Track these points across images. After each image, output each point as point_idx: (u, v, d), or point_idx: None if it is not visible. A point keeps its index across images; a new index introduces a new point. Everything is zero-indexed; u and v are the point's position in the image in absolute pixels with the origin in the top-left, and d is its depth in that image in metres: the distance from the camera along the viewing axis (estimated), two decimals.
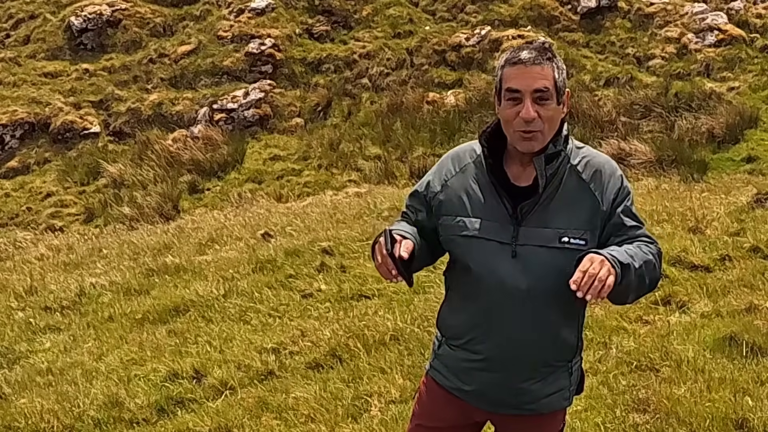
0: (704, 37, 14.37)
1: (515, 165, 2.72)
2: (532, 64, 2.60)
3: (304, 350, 5.64)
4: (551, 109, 2.63)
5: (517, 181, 2.71)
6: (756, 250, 6.72)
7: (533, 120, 2.59)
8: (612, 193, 2.69)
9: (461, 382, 2.85)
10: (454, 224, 2.74)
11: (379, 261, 2.58)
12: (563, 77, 2.67)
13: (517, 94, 2.61)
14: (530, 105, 2.59)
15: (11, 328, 7.13)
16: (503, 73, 2.66)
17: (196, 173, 13.57)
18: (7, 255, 10.98)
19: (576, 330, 2.83)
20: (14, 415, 5.15)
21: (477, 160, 2.77)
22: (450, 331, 2.88)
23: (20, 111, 14.81)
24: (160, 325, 6.65)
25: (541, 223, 2.65)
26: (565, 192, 2.67)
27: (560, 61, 2.68)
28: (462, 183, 2.76)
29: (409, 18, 16.00)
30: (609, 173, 2.71)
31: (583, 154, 2.74)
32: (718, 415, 4.25)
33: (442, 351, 2.92)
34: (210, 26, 16.26)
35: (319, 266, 7.31)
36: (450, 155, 2.87)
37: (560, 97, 2.66)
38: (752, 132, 11.98)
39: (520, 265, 2.65)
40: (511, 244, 2.66)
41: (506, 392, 2.80)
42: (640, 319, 5.73)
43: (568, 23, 15.48)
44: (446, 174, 2.81)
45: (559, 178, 2.67)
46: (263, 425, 4.71)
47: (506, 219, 2.67)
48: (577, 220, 2.65)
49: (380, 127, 13.86)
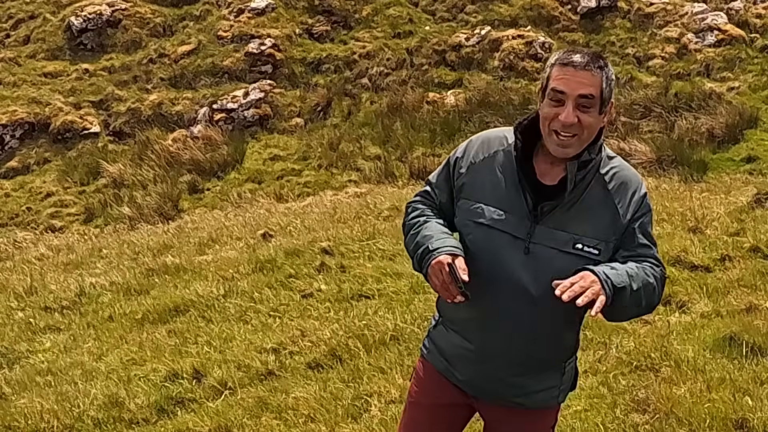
0: (704, 37, 14.37)
1: (544, 162, 2.70)
2: (582, 69, 2.58)
3: (304, 350, 5.64)
4: (593, 117, 2.60)
5: (543, 178, 2.69)
6: (756, 250, 6.72)
7: (572, 125, 2.57)
8: (633, 208, 2.67)
9: (451, 367, 2.86)
10: (472, 209, 2.72)
11: (438, 285, 2.60)
12: (611, 87, 2.63)
13: (562, 96, 2.58)
14: (572, 109, 2.57)
15: (11, 328, 7.13)
16: (552, 72, 2.63)
17: (196, 173, 13.57)
18: (7, 255, 10.98)
19: (575, 333, 2.83)
20: (14, 415, 5.14)
21: (507, 150, 2.73)
22: (448, 314, 2.88)
23: (20, 111, 14.81)
24: (160, 325, 6.65)
25: (559, 225, 2.64)
26: (588, 200, 2.66)
27: (611, 71, 2.65)
28: (488, 169, 2.73)
29: (409, 18, 16.00)
30: (634, 188, 2.69)
31: (612, 165, 2.71)
32: (717, 415, 4.25)
33: (438, 331, 2.93)
34: (210, 26, 16.26)
35: (319, 266, 7.30)
36: (481, 138, 2.83)
37: (604, 106, 2.63)
38: (752, 132, 11.98)
39: (530, 263, 2.63)
40: (525, 240, 2.64)
41: (495, 383, 2.80)
42: (640, 319, 5.73)
43: (568, 23, 15.48)
44: (474, 157, 2.77)
45: (585, 184, 2.66)
46: (263, 425, 4.71)
47: (525, 214, 2.66)
48: (594, 230, 2.64)
49: (380, 127, 13.86)
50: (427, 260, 2.63)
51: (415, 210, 2.88)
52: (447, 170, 2.84)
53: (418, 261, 2.70)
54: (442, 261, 2.58)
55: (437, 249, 2.62)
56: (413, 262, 2.77)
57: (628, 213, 2.66)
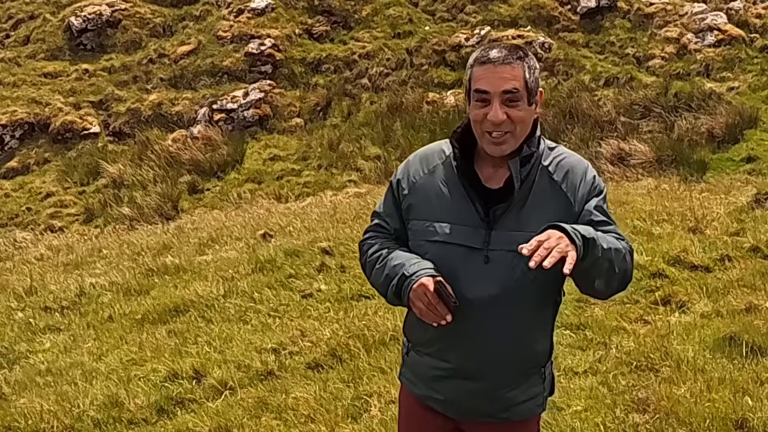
0: (704, 37, 14.38)
1: (487, 167, 2.62)
2: (501, 64, 2.50)
3: (304, 350, 5.64)
4: (522, 110, 2.52)
5: (489, 183, 2.61)
6: (756, 250, 6.72)
7: (502, 122, 2.51)
8: (584, 192, 2.60)
9: (431, 390, 2.75)
10: (423, 228, 2.63)
11: (423, 309, 2.50)
12: (536, 77, 2.55)
13: (486, 95, 2.51)
14: (499, 107, 2.49)
15: (11, 329, 7.13)
16: (472, 73, 2.55)
17: (196, 173, 13.57)
18: (7, 255, 10.98)
19: (548, 335, 2.75)
20: (14, 415, 5.14)
21: (446, 162, 2.65)
22: (417, 338, 2.77)
23: (20, 111, 14.81)
24: (160, 325, 6.65)
25: (515, 227, 2.55)
26: (537, 194, 2.58)
27: (532, 60, 2.57)
28: (431, 185, 2.65)
29: (409, 18, 16.00)
30: (581, 173, 2.62)
31: (555, 155, 2.64)
32: (717, 415, 4.25)
33: (410, 358, 2.82)
34: (210, 26, 16.26)
35: (319, 266, 7.30)
36: (418, 155, 2.74)
37: (532, 97, 2.55)
38: (752, 132, 11.98)
39: (492, 271, 2.54)
40: (482, 249, 2.55)
41: (479, 401, 2.70)
42: (640, 319, 5.73)
43: (568, 23, 15.48)
44: (414, 176, 2.68)
45: (532, 180, 2.58)
46: (263, 425, 4.71)
47: (478, 223, 2.57)
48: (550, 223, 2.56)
49: (380, 127, 13.87)
50: (407, 286, 2.53)
51: (371, 246, 2.76)
52: (392, 195, 2.74)
53: (395, 291, 2.58)
54: (425, 283, 2.48)
55: (416, 273, 2.52)
56: (386, 296, 2.65)
57: (580, 199, 2.59)
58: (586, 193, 2.60)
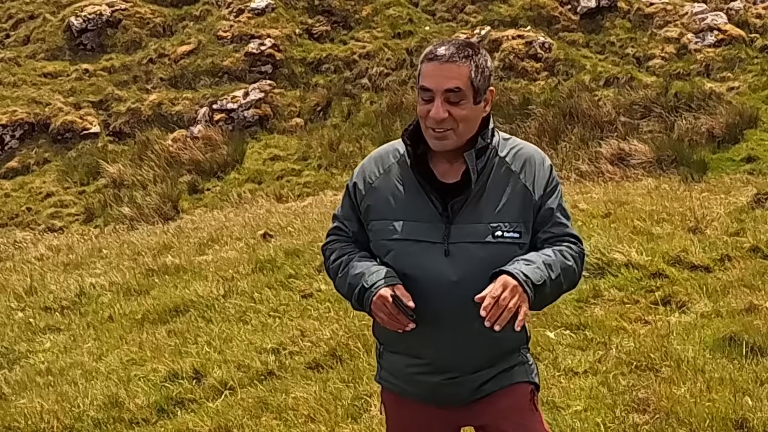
0: (704, 37, 14.38)
1: (441, 162, 2.64)
2: (447, 62, 2.51)
3: (304, 350, 5.64)
4: (466, 109, 2.54)
5: (445, 178, 2.63)
6: (756, 250, 6.72)
7: (443, 120, 2.52)
8: (542, 183, 2.63)
9: (410, 385, 2.76)
10: (383, 228, 2.65)
11: (385, 320, 2.54)
12: (484, 76, 2.56)
13: (429, 92, 2.53)
14: (440, 105, 2.51)
15: (11, 328, 7.13)
16: (421, 69, 2.58)
17: (196, 173, 13.58)
18: (7, 255, 10.98)
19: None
20: (14, 415, 5.15)
21: (401, 160, 2.68)
22: (387, 338, 2.78)
23: (20, 111, 14.82)
24: (159, 325, 6.65)
25: (474, 219, 2.58)
26: (495, 184, 2.61)
27: (483, 58, 2.57)
28: (387, 185, 2.67)
29: (409, 18, 16.00)
30: (539, 163, 2.65)
31: (511, 146, 2.67)
32: (717, 415, 4.25)
33: (385, 359, 2.83)
34: (210, 26, 16.27)
35: (319, 266, 7.29)
36: (373, 156, 2.76)
37: (479, 96, 2.56)
38: (752, 132, 11.98)
39: (453, 263, 2.56)
40: (443, 243, 2.58)
41: (460, 388, 2.70)
42: (640, 319, 5.73)
43: (568, 23, 15.48)
44: (370, 177, 2.70)
45: (489, 171, 2.61)
46: (263, 425, 4.71)
47: (437, 218, 2.59)
48: (509, 213, 2.59)
49: (380, 127, 13.87)
50: (368, 298, 2.55)
51: (332, 252, 2.79)
52: (349, 198, 2.77)
53: (357, 301, 2.62)
54: (384, 295, 2.51)
55: (374, 284, 2.54)
56: (352, 303, 2.68)
57: (539, 189, 2.63)
58: (545, 185, 2.64)
